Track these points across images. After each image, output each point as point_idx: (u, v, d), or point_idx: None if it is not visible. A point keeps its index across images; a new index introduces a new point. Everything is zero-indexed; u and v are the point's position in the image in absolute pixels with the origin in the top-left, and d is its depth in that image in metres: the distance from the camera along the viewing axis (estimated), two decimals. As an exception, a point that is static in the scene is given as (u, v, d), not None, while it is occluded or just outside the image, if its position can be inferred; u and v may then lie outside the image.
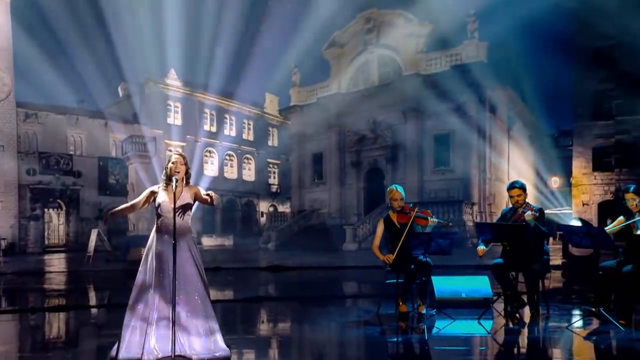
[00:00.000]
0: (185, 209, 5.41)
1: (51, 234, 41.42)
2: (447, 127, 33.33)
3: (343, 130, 38.85)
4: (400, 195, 7.82)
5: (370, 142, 37.42)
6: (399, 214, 7.84)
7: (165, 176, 5.49)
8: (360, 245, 29.71)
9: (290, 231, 36.30)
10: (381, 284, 8.17)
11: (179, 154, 5.61)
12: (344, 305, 10.25)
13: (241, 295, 11.87)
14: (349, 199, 38.82)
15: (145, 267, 5.30)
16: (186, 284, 5.22)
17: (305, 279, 16.11)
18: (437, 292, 8.50)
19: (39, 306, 10.57)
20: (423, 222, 7.73)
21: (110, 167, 41.75)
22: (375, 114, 36.32)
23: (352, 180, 38.62)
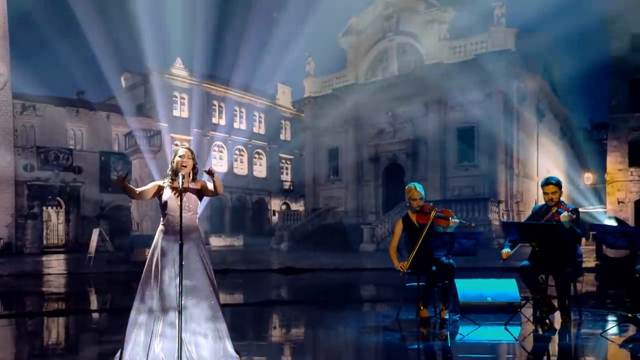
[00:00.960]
0: (192, 207, 5.41)
1: (50, 234, 41.58)
2: (471, 119, 33.19)
3: (360, 123, 38.80)
4: (420, 194, 7.80)
5: (389, 136, 37.35)
6: (419, 214, 7.82)
7: (172, 171, 5.47)
8: (378, 246, 29.67)
9: (304, 231, 36.32)
10: (401, 287, 8.15)
11: (187, 147, 5.61)
12: (361, 309, 10.24)
13: (252, 299, 11.88)
14: (366, 197, 38.78)
15: (150, 268, 5.29)
16: (193, 287, 5.20)
17: (320, 281, 16.11)
18: (461, 296, 8.46)
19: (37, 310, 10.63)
20: (443, 223, 7.69)
21: (113, 162, 41.82)
22: (395, 106, 36.23)
23: (369, 176, 38.58)
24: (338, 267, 19.72)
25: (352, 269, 19.24)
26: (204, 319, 5.20)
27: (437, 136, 34.69)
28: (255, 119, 54.14)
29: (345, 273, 18.26)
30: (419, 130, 35.63)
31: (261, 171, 54.61)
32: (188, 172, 5.43)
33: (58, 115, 40.79)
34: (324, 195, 41.53)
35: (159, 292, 5.19)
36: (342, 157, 40.37)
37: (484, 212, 30.20)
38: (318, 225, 37.24)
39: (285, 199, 56.54)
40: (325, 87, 41.78)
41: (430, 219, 7.64)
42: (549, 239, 7.06)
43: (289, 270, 18.84)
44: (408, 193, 7.86)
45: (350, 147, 39.33)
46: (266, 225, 53.58)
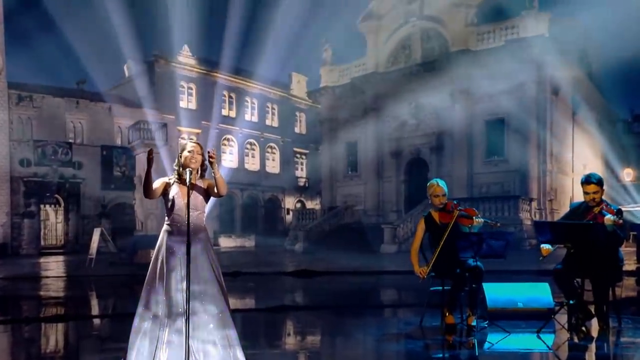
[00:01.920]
0: (199, 205, 5.42)
1: (48, 234, 41.74)
2: (501, 111, 33.04)
3: (381, 115, 38.72)
4: (442, 190, 7.77)
5: (412, 129, 37.27)
6: (441, 213, 7.79)
7: (178, 167, 5.48)
8: (400, 247, 29.60)
9: (320, 231, 36.32)
10: (425, 291, 8.14)
11: (196, 142, 5.61)
12: (382, 315, 10.24)
13: (264, 304, 11.91)
14: (387, 194, 38.73)
15: (155, 270, 5.29)
16: (201, 291, 5.20)
17: (338, 285, 16.12)
18: (490, 301, 8.44)
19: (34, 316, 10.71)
20: (467, 222, 7.65)
21: (115, 157, 41.99)
22: (418, 96, 36.09)
23: (391, 172, 38.53)
24: (357, 269, 19.74)
25: (372, 272, 19.24)
26: (213, 325, 5.19)
27: (463, 129, 34.55)
28: (268, 111, 54.20)
29: (365, 276, 18.27)
30: (444, 123, 35.50)
31: (274, 167, 54.68)
32: (197, 168, 5.44)
33: (57, 106, 40.82)
34: (342, 192, 41.51)
35: (165, 297, 5.19)
36: (361, 151, 40.32)
37: (515, 210, 30.06)
38: (335, 224, 37.22)
39: (300, 197, 56.59)
40: (343, 76, 41.73)
41: (453, 218, 7.61)
42: (585, 239, 7.00)
43: (304, 273, 18.87)
44: (430, 189, 7.84)
45: (370, 141, 39.26)
46: (279, 224, 53.65)
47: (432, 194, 7.81)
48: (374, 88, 37.89)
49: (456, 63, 33.57)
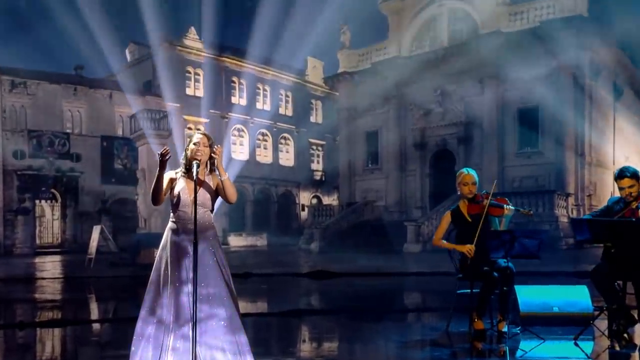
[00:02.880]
0: (207, 202, 5.41)
1: (43, 232, 41.99)
2: (534, 99, 32.88)
3: (404, 103, 38.67)
4: (472, 178, 7.73)
5: (437, 118, 37.18)
6: (470, 204, 7.76)
7: (185, 160, 5.44)
8: (424, 247, 29.57)
9: (338, 228, 36.35)
10: (451, 294, 8.11)
11: (203, 133, 5.58)
12: (405, 320, 10.23)
13: (277, 308, 11.92)
14: (410, 189, 38.68)
15: (159, 271, 5.28)
16: (209, 294, 5.18)
17: (357, 287, 16.12)
18: (522, 305, 8.40)
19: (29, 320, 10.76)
20: (498, 212, 7.63)
21: (116, 148, 42.14)
22: (445, 82, 36.03)
23: (414, 165, 38.46)
24: (377, 270, 19.73)
25: (394, 273, 19.22)
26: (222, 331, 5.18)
27: (493, 118, 34.44)
28: (281, 99, 54.25)
29: (386, 278, 18.25)
30: (473, 111, 35.42)
31: (288, 159, 54.76)
32: (204, 162, 5.42)
33: (53, 93, 40.95)
34: (361, 187, 41.51)
35: (170, 301, 5.17)
36: (382, 142, 40.31)
37: (550, 207, 29.95)
38: (354, 222, 37.23)
39: (315, 192, 56.63)
40: (362, 60, 41.70)
41: (484, 208, 7.58)
42: (628, 238, 6.94)
43: (320, 274, 18.86)
44: (458, 177, 7.80)
45: (392, 131, 39.23)
46: (294, 222, 53.73)
47: (461, 182, 7.77)
48: (397, 74, 37.79)
49: (486, 46, 33.38)
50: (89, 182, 41.22)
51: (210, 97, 46.74)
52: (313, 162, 57.35)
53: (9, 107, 39.54)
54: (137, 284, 15.95)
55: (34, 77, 40.60)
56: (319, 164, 57.74)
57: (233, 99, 49.71)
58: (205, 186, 5.41)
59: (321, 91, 55.92)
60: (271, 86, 52.64)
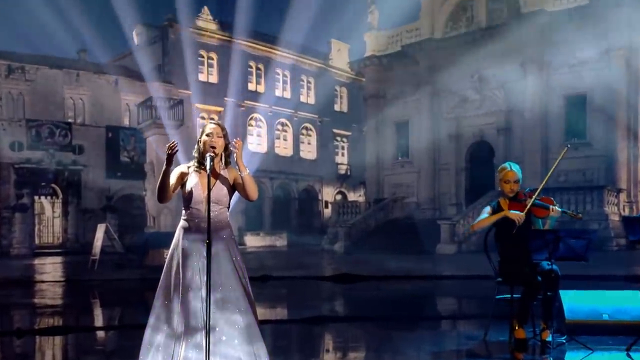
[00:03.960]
0: (223, 199, 5.38)
1: (43, 230, 42.12)
2: (583, 85, 32.65)
3: (437, 89, 38.56)
4: (515, 176, 7.69)
5: (474, 107, 37.04)
6: (512, 203, 7.72)
7: (198, 153, 5.42)
8: (460, 247, 29.54)
9: (365, 227, 36.36)
10: (490, 299, 8.10)
11: (217, 123, 5.55)
12: (438, 328, 10.22)
13: (298, 314, 11.95)
14: (444, 184, 38.59)
15: (170, 274, 5.26)
16: (224, 299, 5.16)
17: (385, 292, 16.15)
18: (568, 312, 8.37)
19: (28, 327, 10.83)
20: (543, 213, 7.59)
21: (123, 139, 42.23)
22: (482, 67, 35.89)
23: (449, 158, 38.36)
24: (408, 273, 19.72)
25: (427, 277, 19.19)
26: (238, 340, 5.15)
27: (537, 106, 34.22)
28: (303, 85, 54.27)
29: (418, 281, 18.23)
30: (514, 99, 35.21)
31: (310, 151, 54.79)
32: (219, 154, 5.38)
33: (53, 79, 40.95)
34: (390, 182, 41.46)
35: (181, 306, 5.15)
36: (413, 133, 40.22)
37: (599, 204, 29.75)
38: (382, 220, 37.23)
39: (340, 187, 56.64)
40: (392, 43, 41.61)
41: (526, 207, 7.54)
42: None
43: (345, 277, 18.87)
44: (500, 173, 7.77)
45: (424, 121, 39.13)
46: (316, 220, 53.76)
47: (502, 178, 7.73)
48: (429, 57, 37.71)
49: (529, 27, 33.24)
50: (93, 177, 41.23)
51: (225, 84, 46.76)
52: (337, 155, 57.34)
53: (5, 94, 39.54)
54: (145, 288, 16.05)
55: (32, 62, 40.53)
56: (343, 157, 57.73)
57: (250, 86, 49.80)
58: (221, 181, 5.37)
59: (346, 77, 55.88)
60: (292, 71, 52.66)
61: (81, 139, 41.06)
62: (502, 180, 7.75)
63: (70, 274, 23.08)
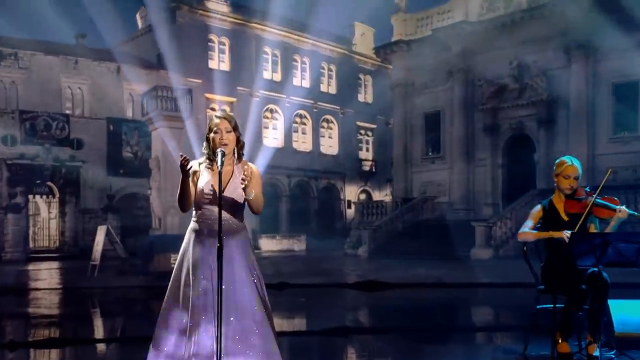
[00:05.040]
0: (238, 197, 5.30)
1: (38, 233, 42.10)
2: (635, 72, 32.49)
3: (472, 77, 38.48)
4: (576, 171, 7.60)
5: (513, 96, 36.90)
6: (569, 201, 7.65)
7: (208, 149, 5.36)
8: (497, 252, 29.46)
9: (392, 230, 36.33)
10: (530, 310, 8.08)
11: (224, 115, 5.43)
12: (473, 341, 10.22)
13: (318, 325, 11.96)
14: (480, 182, 38.48)
15: (178, 282, 5.26)
16: (238, 308, 5.13)
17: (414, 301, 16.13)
18: (617, 324, 8.34)
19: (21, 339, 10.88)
20: (606, 214, 7.50)
21: (126, 133, 42.32)
22: (522, 53, 35.77)
23: (484, 153, 38.25)
24: (439, 281, 19.71)
25: (460, 284, 19.21)
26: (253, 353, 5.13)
27: (582, 95, 34.08)
28: (324, 73, 54.29)
29: (450, 289, 18.24)
30: (557, 88, 35.10)
31: (331, 146, 54.81)
32: (230, 150, 5.31)
33: (49, 67, 41.02)
34: (420, 179, 41.42)
35: (190, 316, 5.13)
36: (445, 125, 40.16)
37: (651, 203, 29.64)
38: (411, 221, 37.18)
39: (364, 185, 56.65)
40: (421, 26, 41.56)
41: (587, 207, 7.48)
42: None
43: (370, 285, 18.88)
44: (559, 168, 7.66)
45: (457, 112, 39.06)
46: (337, 221, 53.81)
47: (561, 173, 7.63)
48: (463, 42, 37.61)
49: (574, 8, 33.09)
50: (93, 174, 41.19)
51: (238, 72, 46.88)
52: (361, 150, 57.37)
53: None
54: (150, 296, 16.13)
55: (26, 47, 40.48)
56: (368, 152, 57.75)
57: (265, 74, 49.78)
58: (235, 179, 5.30)
59: (371, 64, 55.84)
60: (311, 58, 52.64)
61: (80, 133, 40.98)
62: (560, 175, 7.66)
63: (67, 280, 23.22)
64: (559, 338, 7.48)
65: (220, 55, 47.64)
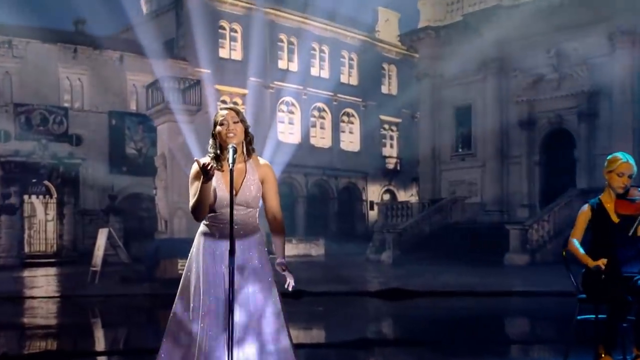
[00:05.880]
0: (252, 198, 5.24)
1: (34, 236, 42.03)
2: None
3: (506, 67, 38.43)
4: (631, 169, 7.50)
5: (551, 87, 36.80)
6: (620, 201, 7.58)
7: (215, 147, 5.28)
8: (534, 257, 29.39)
9: (418, 233, 36.32)
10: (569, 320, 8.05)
11: (228, 107, 5.36)
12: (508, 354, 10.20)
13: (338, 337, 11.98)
14: (514, 181, 38.40)
15: (187, 290, 5.22)
16: (252, 319, 5.11)
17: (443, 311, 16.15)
18: (666, 337, 8.30)
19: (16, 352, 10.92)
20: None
21: (129, 128, 42.42)
22: (561, 39, 35.67)
23: (520, 150, 38.16)
24: (471, 289, 19.72)
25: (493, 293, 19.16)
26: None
27: (628, 86, 33.94)
28: (344, 63, 54.30)
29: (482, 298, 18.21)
30: (599, 78, 34.97)
31: (352, 142, 54.80)
32: (239, 141, 5.20)
33: (46, 56, 40.92)
34: (449, 178, 41.39)
35: (201, 328, 5.09)
36: (476, 120, 40.11)
37: None
38: (439, 224, 37.17)
39: (388, 185, 56.64)
40: (452, 11, 41.51)
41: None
42: None
43: (394, 293, 18.90)
44: (612, 164, 7.57)
45: (490, 105, 39.01)
46: (359, 224, 53.82)
47: (614, 170, 7.54)
48: (497, 28, 37.48)
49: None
50: (93, 172, 41.22)
51: (251, 61, 46.79)
52: (385, 146, 57.37)
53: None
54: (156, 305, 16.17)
55: (21, 34, 40.36)
56: (392, 149, 57.74)
57: (281, 64, 49.90)
58: (249, 178, 5.25)
59: (396, 52, 55.84)
60: (331, 46, 52.67)
61: (79, 127, 41.05)
62: (613, 172, 7.57)
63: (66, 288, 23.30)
64: (602, 352, 7.44)
65: (232, 43, 47.70)
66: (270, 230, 5.39)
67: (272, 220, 5.37)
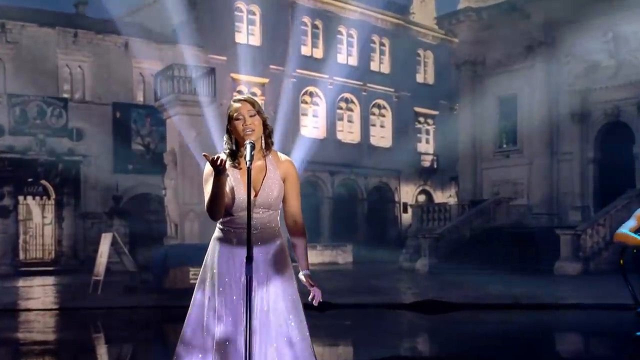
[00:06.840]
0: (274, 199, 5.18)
1: (30, 241, 42.05)
2: None
3: (556, 53, 38.29)
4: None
5: (607, 76, 36.64)
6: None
7: (230, 143, 5.20)
8: (587, 265, 29.26)
9: (457, 239, 36.26)
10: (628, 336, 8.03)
11: (242, 98, 5.24)
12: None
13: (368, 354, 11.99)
14: (565, 181, 38.29)
15: (201, 302, 5.17)
16: (271, 332, 5.04)
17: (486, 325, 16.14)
18: None
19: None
20: None
21: (135, 121, 42.44)
22: (619, 22, 35.52)
23: (572, 145, 38.04)
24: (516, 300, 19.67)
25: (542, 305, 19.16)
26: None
27: (693, 75, 33.92)
28: (374, 49, 54.29)
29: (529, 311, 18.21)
30: (662, 65, 34.91)
31: (384, 137, 54.80)
32: (257, 136, 5.10)
33: (44, 41, 41.00)
34: (491, 177, 41.33)
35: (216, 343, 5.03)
36: (523, 112, 40.01)
37: None
38: (480, 228, 37.10)
39: (423, 184, 56.64)
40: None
41: None
42: None
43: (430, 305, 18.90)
44: None
45: (537, 96, 38.87)
46: (391, 228, 53.84)
47: None
48: (546, 10, 37.45)
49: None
50: (96, 170, 41.33)
51: (271, 47, 46.96)
52: (420, 142, 57.36)
53: (-19, 60, 39.90)
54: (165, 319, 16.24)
55: (16, 18, 40.46)
56: (428, 145, 57.75)
57: (304, 49, 49.93)
58: (270, 177, 5.17)
59: (433, 37, 55.84)
60: (359, 30, 52.62)
61: (81, 121, 40.95)
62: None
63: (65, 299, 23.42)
64: (665, 371, 7.42)
65: (250, 27, 47.72)
66: (291, 237, 5.32)
67: (293, 225, 5.31)
